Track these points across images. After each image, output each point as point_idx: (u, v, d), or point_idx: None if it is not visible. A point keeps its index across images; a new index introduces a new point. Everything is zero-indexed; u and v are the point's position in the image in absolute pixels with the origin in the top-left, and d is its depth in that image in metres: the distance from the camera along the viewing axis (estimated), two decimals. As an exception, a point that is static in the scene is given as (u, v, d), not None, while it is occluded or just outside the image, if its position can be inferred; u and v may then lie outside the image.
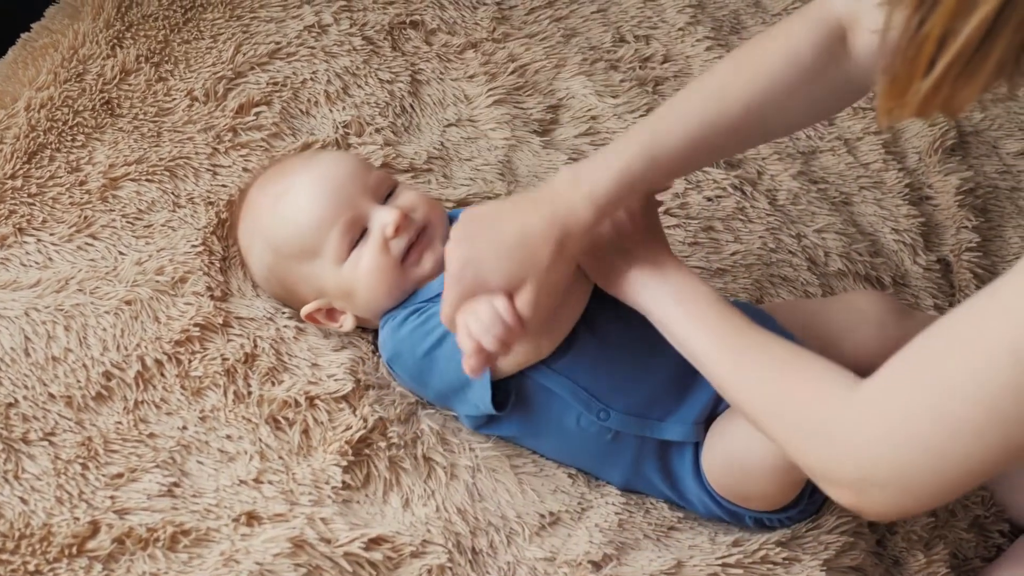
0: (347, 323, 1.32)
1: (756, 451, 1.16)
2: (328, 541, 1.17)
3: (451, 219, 1.34)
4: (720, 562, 1.22)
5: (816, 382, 0.99)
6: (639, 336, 1.21)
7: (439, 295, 1.24)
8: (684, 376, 1.22)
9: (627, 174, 1.11)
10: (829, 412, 0.95)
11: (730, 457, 1.20)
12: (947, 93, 0.87)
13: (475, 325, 1.08)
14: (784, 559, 1.23)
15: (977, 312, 0.88)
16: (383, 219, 1.27)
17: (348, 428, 1.26)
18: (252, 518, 1.19)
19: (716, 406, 1.24)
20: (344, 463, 1.24)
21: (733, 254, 1.50)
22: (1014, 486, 1.43)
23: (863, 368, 1.32)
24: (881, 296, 1.35)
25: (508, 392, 1.22)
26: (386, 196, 1.31)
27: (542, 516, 1.25)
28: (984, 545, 1.41)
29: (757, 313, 1.30)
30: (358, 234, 1.28)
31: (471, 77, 1.58)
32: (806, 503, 1.25)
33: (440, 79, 1.58)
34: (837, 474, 0.94)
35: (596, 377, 1.23)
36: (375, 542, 1.18)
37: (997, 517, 1.43)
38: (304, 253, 1.29)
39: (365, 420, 1.27)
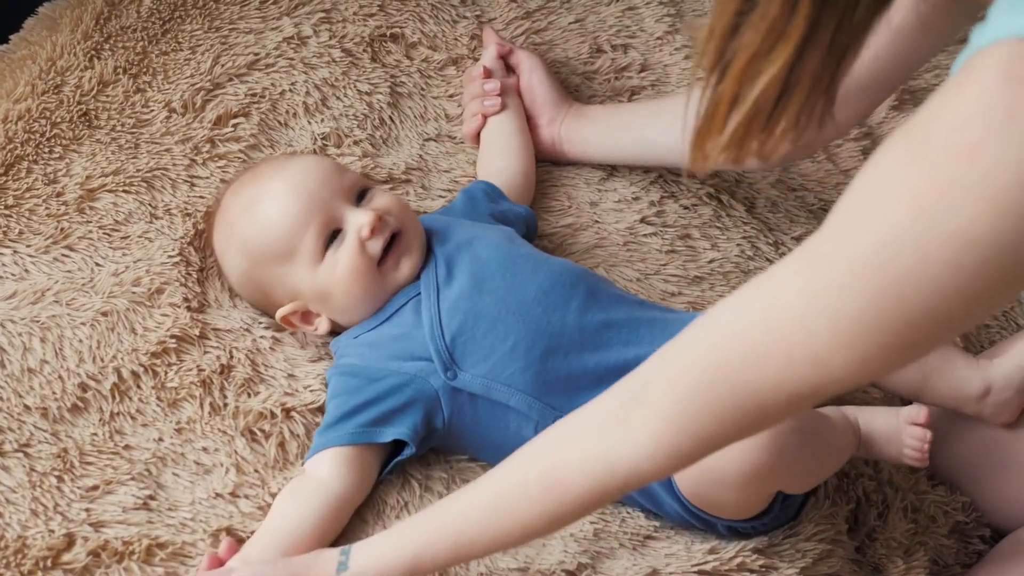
0: (322, 326, 1.32)
1: (727, 459, 1.15)
2: (303, 553, 1.17)
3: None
4: (696, 569, 1.22)
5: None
6: (591, 340, 1.24)
7: (405, 304, 1.28)
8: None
9: None
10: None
11: (701, 465, 1.20)
12: (756, 144, 0.89)
13: None
14: (761, 566, 1.23)
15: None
16: (359, 220, 1.28)
17: (324, 439, 1.26)
18: (229, 534, 1.19)
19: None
20: (320, 475, 1.24)
21: (710, 262, 1.50)
22: (995, 491, 1.43)
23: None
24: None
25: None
26: (359, 197, 1.31)
27: (517, 526, 1.24)
28: (964, 551, 1.41)
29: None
30: (332, 235, 1.28)
31: (451, 96, 1.59)
32: (779, 510, 1.24)
33: (422, 94, 1.59)
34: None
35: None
36: (350, 553, 1.18)
37: (978, 523, 1.42)
38: (279, 256, 1.29)
39: (341, 431, 1.26)
